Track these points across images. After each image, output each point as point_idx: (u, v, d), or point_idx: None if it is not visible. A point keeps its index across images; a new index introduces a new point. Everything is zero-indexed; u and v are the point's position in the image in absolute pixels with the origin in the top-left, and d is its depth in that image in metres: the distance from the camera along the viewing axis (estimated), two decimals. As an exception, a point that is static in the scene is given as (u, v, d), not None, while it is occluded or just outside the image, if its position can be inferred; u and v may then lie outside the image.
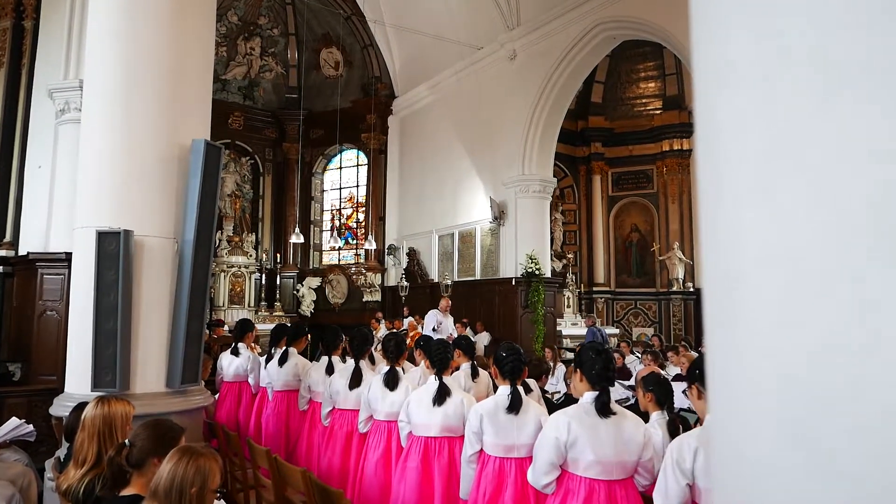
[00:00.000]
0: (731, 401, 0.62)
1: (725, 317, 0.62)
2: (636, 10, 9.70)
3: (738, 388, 0.61)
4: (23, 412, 5.47)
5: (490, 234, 12.24)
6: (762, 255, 0.58)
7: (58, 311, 6.89)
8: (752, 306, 0.59)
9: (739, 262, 0.60)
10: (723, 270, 0.63)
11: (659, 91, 16.11)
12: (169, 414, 3.62)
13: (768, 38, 0.59)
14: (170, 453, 2.10)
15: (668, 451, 2.46)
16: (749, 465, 0.59)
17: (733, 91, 0.62)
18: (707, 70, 0.66)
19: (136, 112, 4.23)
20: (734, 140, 0.62)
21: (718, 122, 0.64)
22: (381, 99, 15.29)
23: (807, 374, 0.54)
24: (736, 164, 0.61)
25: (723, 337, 0.63)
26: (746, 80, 0.61)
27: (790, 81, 0.57)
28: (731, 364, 0.62)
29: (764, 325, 0.58)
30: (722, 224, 0.63)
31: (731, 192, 0.62)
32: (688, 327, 14.98)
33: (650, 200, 16.12)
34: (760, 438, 0.57)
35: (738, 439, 0.61)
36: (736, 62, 0.62)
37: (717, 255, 0.64)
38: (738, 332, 0.61)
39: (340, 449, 4.22)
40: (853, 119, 0.53)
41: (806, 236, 0.55)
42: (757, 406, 0.58)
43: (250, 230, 15.86)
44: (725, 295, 0.62)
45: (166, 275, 4.24)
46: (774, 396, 0.57)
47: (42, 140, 7.88)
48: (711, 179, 0.65)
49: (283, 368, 5.20)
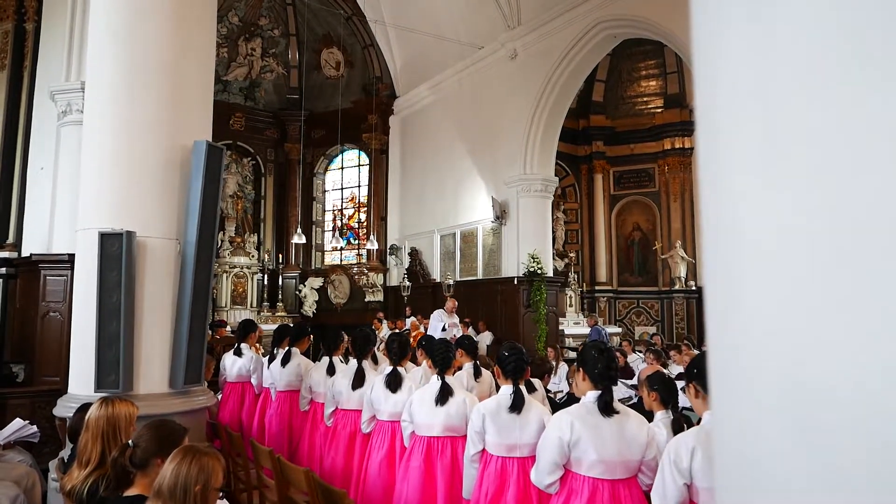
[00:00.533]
0: (732, 400, 0.62)
1: (726, 315, 0.62)
2: (637, 9, 9.69)
3: (739, 386, 0.61)
4: (26, 413, 5.49)
5: (492, 233, 12.24)
6: (761, 253, 0.58)
7: (61, 313, 6.90)
8: (751, 304, 0.59)
9: (739, 259, 0.60)
10: (723, 268, 0.63)
11: (660, 89, 16.09)
12: (172, 414, 3.63)
13: (766, 28, 0.59)
14: (173, 453, 2.10)
15: (665, 450, 2.46)
16: (750, 464, 0.59)
17: (732, 85, 0.62)
18: (706, 65, 0.66)
19: (137, 113, 4.24)
20: (733, 137, 0.62)
21: (717, 119, 0.64)
22: (382, 99, 15.30)
23: (807, 373, 0.54)
24: (736, 161, 0.61)
25: (723, 335, 0.63)
26: (745, 72, 0.61)
27: (789, 76, 0.57)
28: (731, 364, 0.62)
29: (764, 324, 0.58)
30: (722, 222, 0.63)
31: (731, 189, 0.62)
32: (690, 326, 14.96)
33: (652, 199, 16.10)
34: (761, 437, 0.57)
35: (738, 438, 0.61)
36: (735, 54, 0.62)
37: (716, 253, 0.64)
38: (737, 329, 0.61)
39: (343, 449, 4.23)
40: (855, 113, 0.53)
41: (806, 234, 0.55)
42: (758, 405, 0.58)
43: (252, 231, 15.88)
44: (726, 293, 0.62)
45: (169, 276, 4.25)
46: (775, 395, 0.57)
47: (44, 142, 7.90)
48: (711, 177, 0.65)
49: (285, 369, 5.20)
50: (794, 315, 0.55)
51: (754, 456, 0.58)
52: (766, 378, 0.57)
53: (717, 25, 0.65)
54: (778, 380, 0.56)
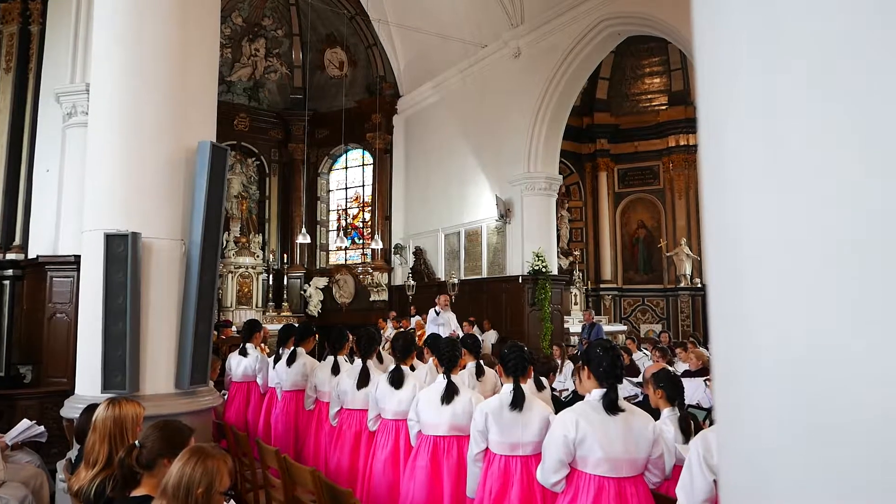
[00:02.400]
0: (735, 395, 0.61)
1: (728, 313, 0.62)
2: (641, 6, 9.65)
3: (741, 382, 0.61)
4: (34, 414, 5.51)
5: (496, 232, 12.23)
6: (762, 253, 0.58)
7: (67, 314, 6.92)
8: (753, 303, 0.59)
9: (741, 259, 0.60)
10: (726, 268, 0.62)
11: (664, 87, 16.04)
12: (178, 415, 3.64)
13: (769, 31, 0.59)
14: (181, 453, 2.11)
15: (693, 445, 2.44)
16: (753, 457, 0.58)
17: (735, 88, 0.62)
18: (709, 64, 0.66)
19: (142, 115, 4.25)
20: (736, 139, 0.61)
21: (721, 121, 0.64)
22: (385, 98, 15.30)
23: (807, 369, 0.54)
24: (738, 163, 0.61)
25: (726, 332, 0.63)
26: (747, 73, 0.60)
27: (790, 78, 0.57)
28: (734, 360, 0.61)
29: (765, 321, 0.58)
30: (725, 221, 0.63)
31: (734, 190, 0.61)
32: (696, 323, 14.92)
33: (657, 196, 16.06)
34: (763, 431, 0.57)
35: (741, 439, 0.60)
36: (737, 56, 0.61)
37: (720, 252, 0.64)
38: (740, 327, 0.61)
39: (349, 448, 4.23)
40: (854, 117, 0.52)
41: (806, 235, 0.55)
42: (760, 400, 0.58)
43: (257, 231, 15.91)
44: (728, 292, 0.62)
45: (174, 276, 4.26)
46: (777, 397, 0.56)
47: (50, 144, 7.93)
48: (714, 178, 0.64)
49: (291, 368, 5.21)
50: (793, 311, 0.55)
51: (757, 457, 0.58)
52: (767, 374, 0.57)
53: (719, 19, 0.64)
54: (778, 376, 0.56)
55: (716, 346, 0.67)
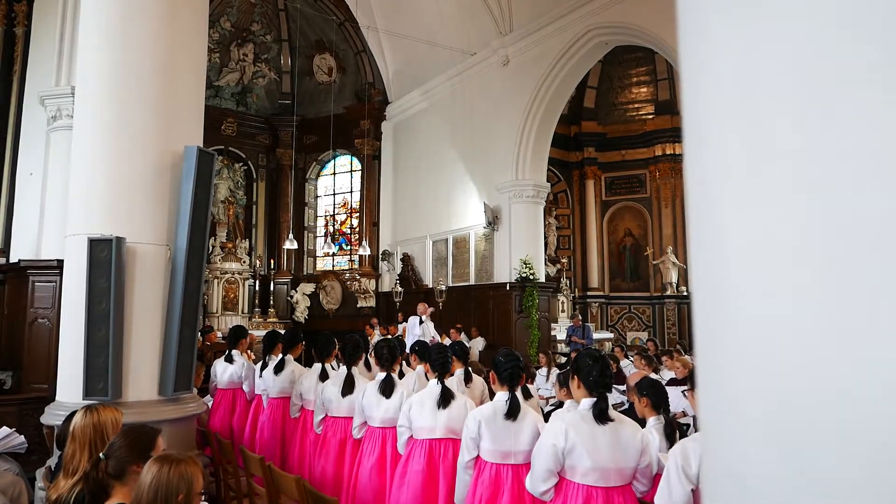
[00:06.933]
0: (718, 410, 0.61)
1: (712, 324, 0.62)
2: (628, 16, 9.76)
3: (724, 397, 0.61)
4: (14, 421, 5.42)
5: (484, 239, 12.25)
6: (746, 261, 0.58)
7: (49, 319, 6.83)
8: (736, 315, 0.59)
9: (725, 267, 0.60)
10: (710, 275, 0.63)
11: (651, 96, 16.20)
12: (162, 422, 3.59)
13: (749, 36, 0.59)
14: (148, 463, 2.07)
15: (672, 455, 2.44)
16: (734, 476, 0.58)
17: (716, 93, 0.62)
18: (692, 72, 0.67)
19: (128, 119, 4.22)
20: (718, 145, 0.62)
21: (703, 126, 0.64)
22: (374, 105, 15.30)
23: (792, 385, 0.54)
24: (721, 170, 0.61)
25: (710, 343, 0.63)
26: (728, 81, 0.61)
27: (771, 83, 0.57)
28: (716, 375, 0.61)
29: (749, 334, 0.58)
30: (708, 230, 0.63)
31: (717, 199, 0.62)
32: (682, 331, 15.01)
33: (643, 205, 16.18)
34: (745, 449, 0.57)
35: (723, 447, 0.60)
36: (718, 62, 0.62)
37: (704, 260, 0.64)
38: (723, 339, 0.61)
39: (334, 456, 4.20)
40: (835, 121, 0.53)
41: (789, 243, 0.55)
42: (742, 416, 0.58)
43: (244, 236, 15.80)
44: (712, 302, 0.62)
45: (159, 282, 4.21)
46: (759, 406, 0.56)
47: (34, 147, 7.85)
48: (698, 187, 0.65)
49: (279, 375, 5.16)
50: (779, 327, 0.55)
51: (738, 466, 0.58)
52: (751, 390, 0.57)
53: (700, 27, 0.65)
54: (762, 391, 0.56)
55: (700, 354, 0.67)
